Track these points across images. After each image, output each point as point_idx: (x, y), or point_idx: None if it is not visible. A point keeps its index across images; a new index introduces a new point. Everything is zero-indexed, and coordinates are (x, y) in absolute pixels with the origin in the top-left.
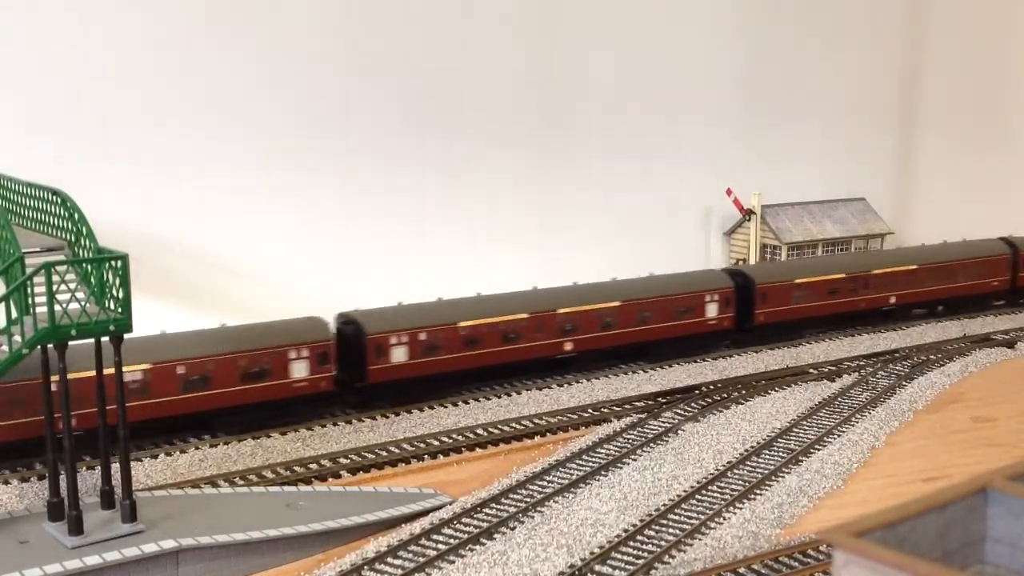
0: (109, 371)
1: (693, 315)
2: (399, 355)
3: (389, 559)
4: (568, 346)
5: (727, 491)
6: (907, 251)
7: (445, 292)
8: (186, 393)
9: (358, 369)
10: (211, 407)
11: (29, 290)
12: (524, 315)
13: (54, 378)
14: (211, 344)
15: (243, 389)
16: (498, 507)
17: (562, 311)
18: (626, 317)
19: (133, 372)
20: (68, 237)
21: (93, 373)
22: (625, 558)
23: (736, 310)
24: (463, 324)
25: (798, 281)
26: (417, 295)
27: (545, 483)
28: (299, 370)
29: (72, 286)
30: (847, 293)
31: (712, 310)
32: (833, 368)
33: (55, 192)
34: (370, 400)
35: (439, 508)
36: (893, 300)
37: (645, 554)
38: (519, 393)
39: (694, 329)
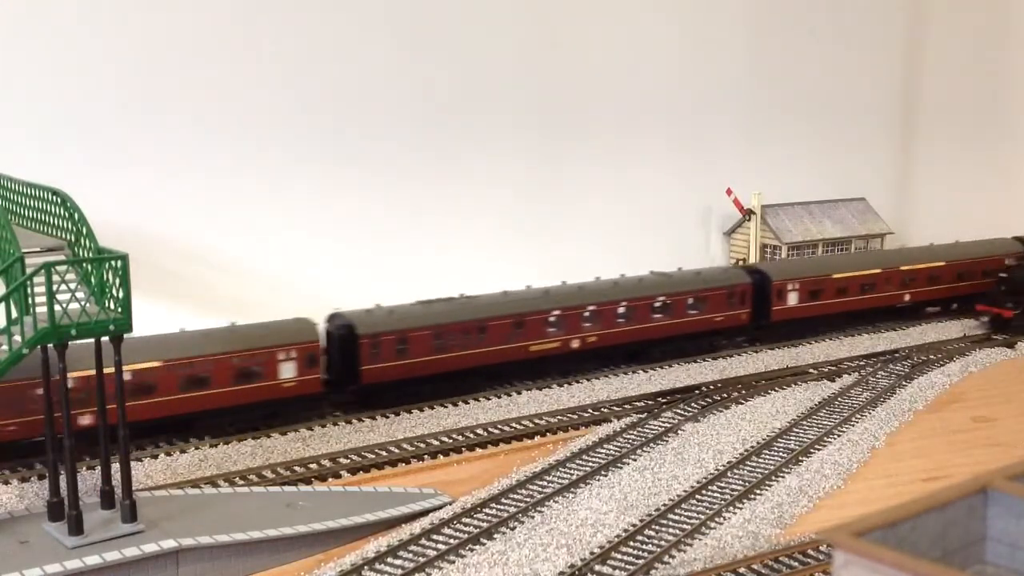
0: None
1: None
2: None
3: (389, 559)
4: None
5: (727, 491)
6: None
7: (445, 290)
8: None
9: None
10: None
11: (29, 290)
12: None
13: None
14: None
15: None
16: (498, 507)
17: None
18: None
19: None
20: (68, 237)
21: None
22: (625, 558)
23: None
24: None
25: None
26: (416, 293)
27: (545, 483)
28: None
29: (72, 286)
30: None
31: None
32: (833, 368)
33: (55, 192)
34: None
35: (439, 508)
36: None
37: (645, 554)
38: (519, 393)
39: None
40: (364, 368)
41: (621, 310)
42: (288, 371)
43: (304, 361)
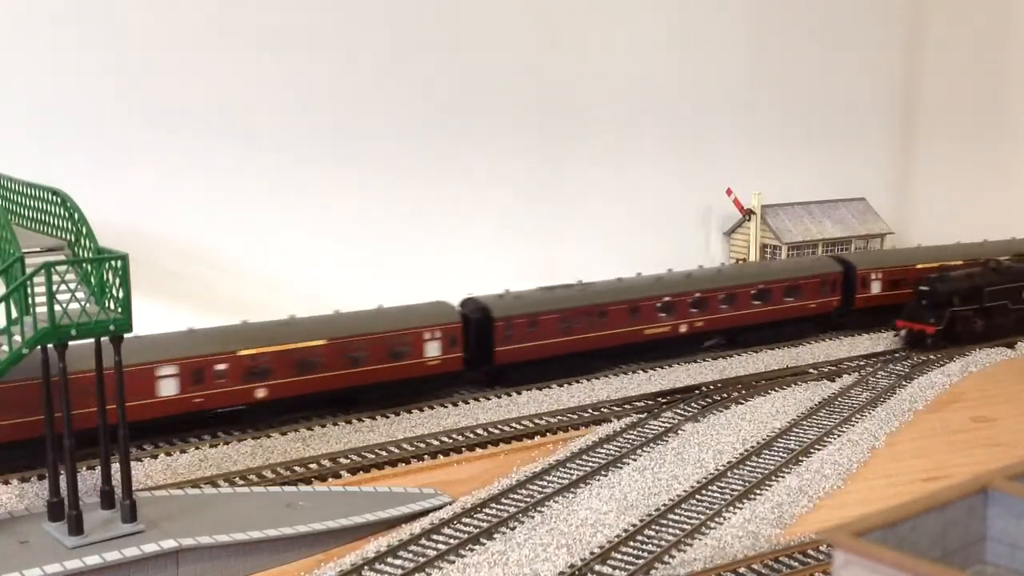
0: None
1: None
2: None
3: (389, 559)
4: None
5: (727, 491)
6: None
7: (447, 292)
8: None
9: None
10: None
11: (29, 290)
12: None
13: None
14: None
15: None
16: (498, 507)
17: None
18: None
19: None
20: (68, 237)
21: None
22: (625, 558)
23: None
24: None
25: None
26: (417, 294)
27: (545, 483)
28: None
29: (72, 286)
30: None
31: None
32: (833, 368)
33: (55, 192)
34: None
35: (439, 508)
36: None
37: (645, 554)
38: (519, 393)
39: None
40: (498, 349)
41: (723, 296)
42: (433, 350)
43: (447, 341)
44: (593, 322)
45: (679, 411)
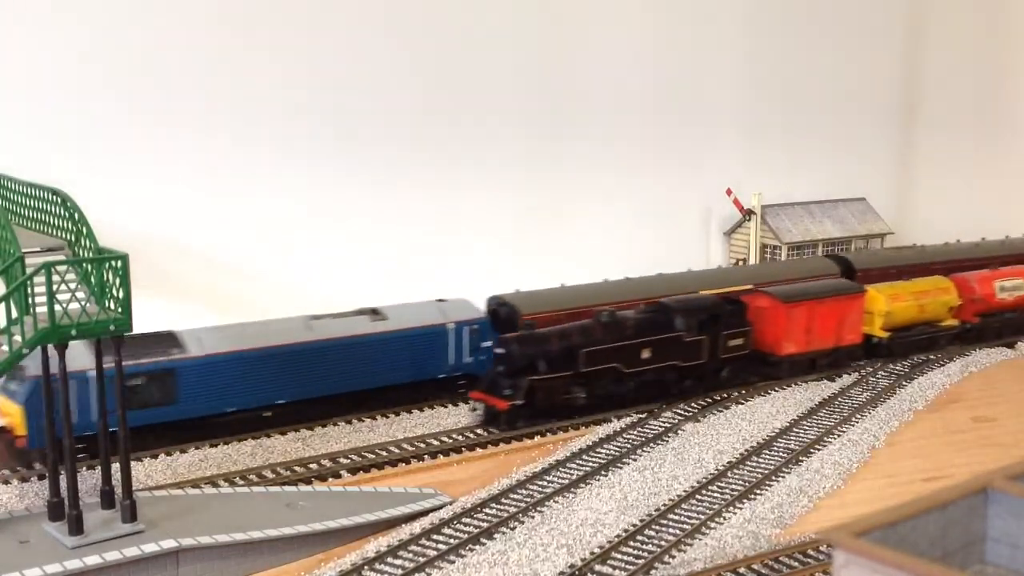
0: None
1: None
2: None
3: (389, 559)
4: None
5: (727, 491)
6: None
7: (446, 291)
8: None
9: None
10: None
11: (29, 290)
12: None
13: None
14: None
15: None
16: (498, 507)
17: None
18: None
19: None
20: (68, 237)
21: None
22: (625, 558)
23: None
24: None
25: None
26: (418, 294)
27: (545, 483)
28: None
29: (72, 286)
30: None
31: None
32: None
33: (55, 192)
34: None
35: (439, 508)
36: None
37: (645, 554)
38: None
39: None
40: None
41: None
42: None
43: None
44: None
45: (679, 411)
